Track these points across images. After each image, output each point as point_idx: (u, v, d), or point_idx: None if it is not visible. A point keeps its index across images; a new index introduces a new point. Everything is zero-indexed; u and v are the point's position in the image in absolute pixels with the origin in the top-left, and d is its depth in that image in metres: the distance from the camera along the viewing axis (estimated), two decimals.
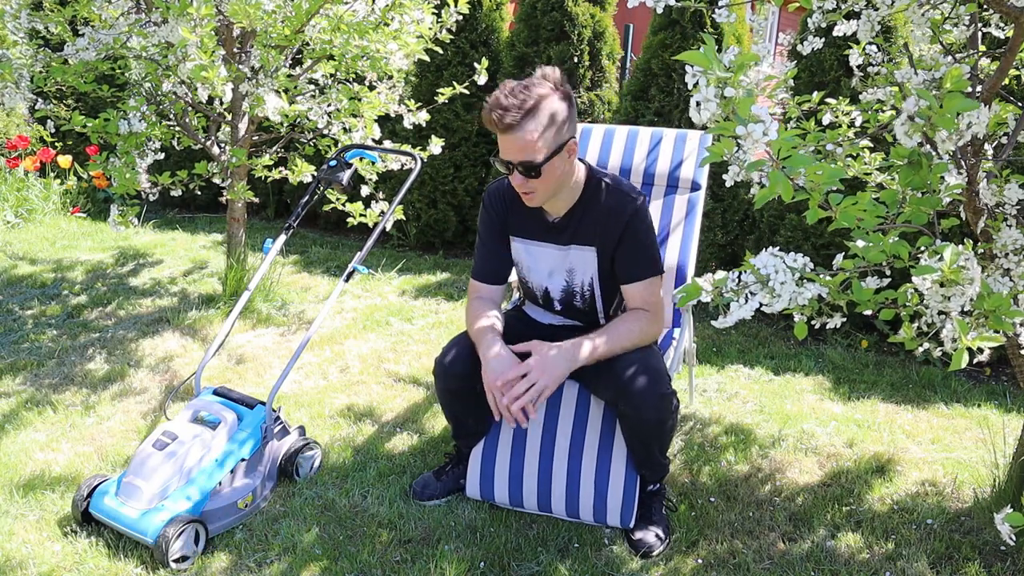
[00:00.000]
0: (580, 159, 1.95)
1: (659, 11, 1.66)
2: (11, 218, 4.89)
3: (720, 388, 2.97)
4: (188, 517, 1.86)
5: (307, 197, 2.62)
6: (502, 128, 1.72)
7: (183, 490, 1.93)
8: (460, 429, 2.14)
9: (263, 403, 2.14)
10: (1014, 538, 1.25)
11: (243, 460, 2.04)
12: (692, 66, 1.12)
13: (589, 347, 1.86)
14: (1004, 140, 1.73)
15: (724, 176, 1.87)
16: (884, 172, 2.05)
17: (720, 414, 2.74)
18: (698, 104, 1.11)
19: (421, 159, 2.66)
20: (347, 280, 2.32)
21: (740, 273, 1.29)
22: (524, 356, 1.89)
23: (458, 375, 1.98)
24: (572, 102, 1.80)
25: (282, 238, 2.51)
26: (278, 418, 2.18)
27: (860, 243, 1.31)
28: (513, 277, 2.38)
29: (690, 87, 1.12)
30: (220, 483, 1.98)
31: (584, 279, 1.99)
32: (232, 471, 2.02)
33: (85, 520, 1.97)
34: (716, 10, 1.91)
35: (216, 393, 2.22)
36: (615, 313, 2.05)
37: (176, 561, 1.82)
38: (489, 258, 2.06)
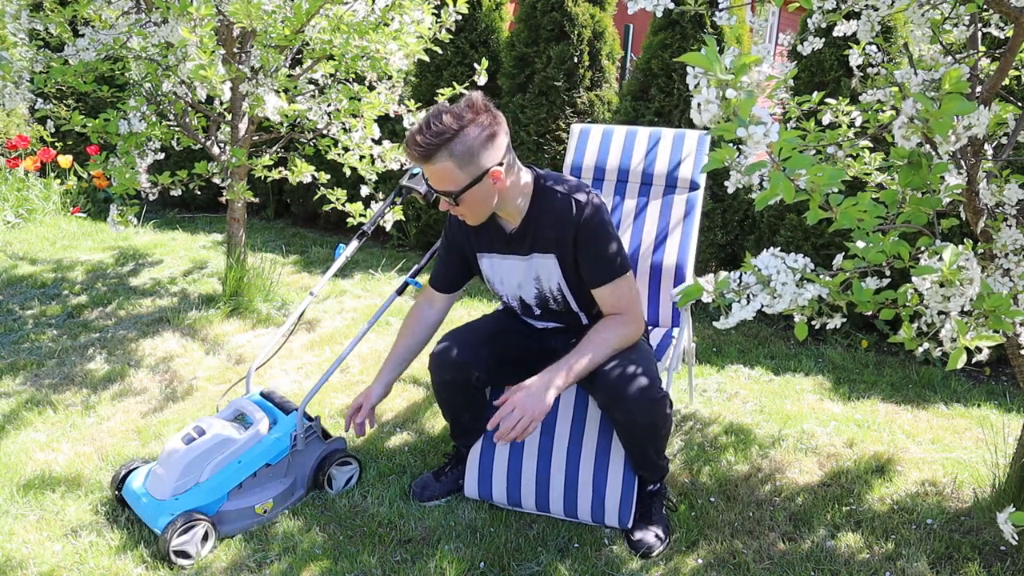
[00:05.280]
0: (529, 166, 1.92)
1: (659, 14, 1.66)
2: (11, 218, 4.89)
3: (720, 388, 2.97)
4: (199, 514, 1.87)
5: (385, 204, 2.62)
6: (416, 160, 1.73)
7: (201, 487, 1.94)
8: (457, 426, 2.14)
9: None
10: (1016, 538, 1.25)
11: (267, 465, 2.04)
12: (693, 67, 1.12)
13: (566, 370, 1.80)
14: (1004, 140, 1.73)
15: (726, 183, 1.87)
16: (884, 172, 2.05)
17: (720, 414, 2.74)
18: (699, 106, 1.11)
19: None
20: (399, 293, 2.34)
21: (741, 274, 1.29)
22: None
23: (452, 366, 1.99)
24: (496, 127, 1.75)
25: (354, 244, 2.49)
26: (311, 427, 2.14)
27: (860, 243, 1.31)
28: None
29: (691, 88, 1.12)
30: (241, 485, 1.99)
31: (551, 284, 1.97)
32: (255, 475, 2.02)
33: (120, 503, 2.05)
34: (716, 12, 1.90)
35: (262, 394, 2.23)
36: (595, 309, 2.02)
37: (176, 555, 1.83)
38: (445, 268, 2.12)
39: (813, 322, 1.44)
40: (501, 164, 1.77)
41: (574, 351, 1.85)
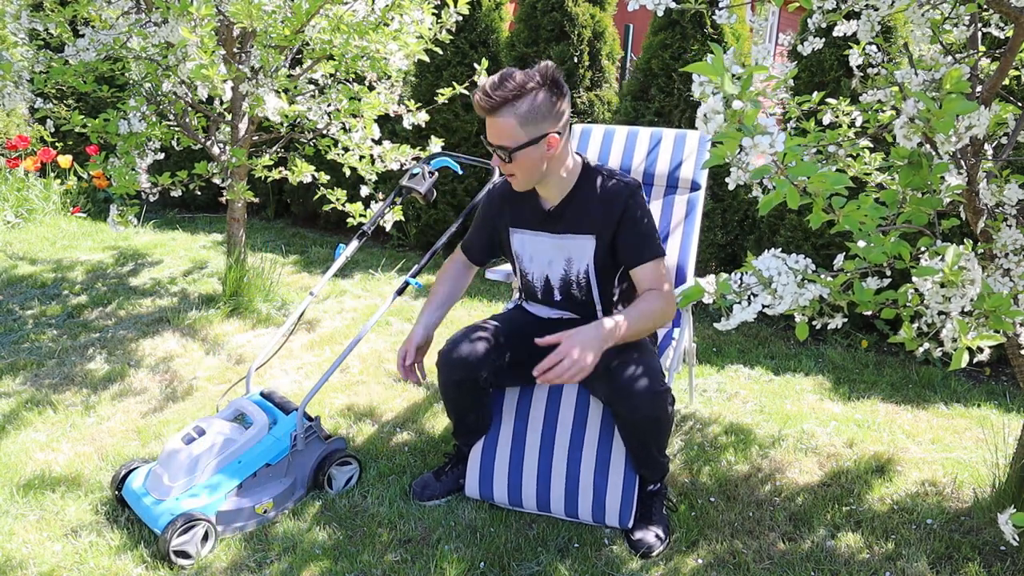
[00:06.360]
0: (578, 153, 2.01)
1: (659, 13, 1.66)
2: (11, 218, 4.88)
3: (720, 388, 2.97)
4: (199, 514, 1.87)
5: (385, 204, 2.63)
6: (483, 111, 1.83)
7: (201, 487, 1.94)
8: (461, 426, 2.14)
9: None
10: (1017, 539, 1.25)
11: (267, 465, 2.04)
12: (699, 76, 1.11)
13: (613, 325, 1.78)
14: (1004, 140, 1.73)
15: (727, 180, 1.87)
16: (884, 172, 2.05)
17: (720, 414, 2.74)
18: (704, 116, 1.10)
19: (497, 169, 2.65)
20: (399, 293, 2.36)
21: (742, 275, 1.29)
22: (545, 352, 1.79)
23: (461, 365, 2.00)
24: (561, 98, 1.83)
25: (354, 244, 2.49)
26: (311, 427, 2.14)
27: (861, 244, 1.31)
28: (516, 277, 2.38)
29: (696, 96, 1.12)
30: (241, 485, 1.99)
31: (580, 267, 2.01)
32: (255, 475, 2.02)
33: (120, 503, 2.05)
34: (716, 11, 1.90)
35: (262, 394, 2.24)
36: (610, 304, 2.05)
37: (177, 555, 1.83)
38: (477, 238, 2.22)
39: (814, 322, 1.44)
40: (559, 134, 1.86)
41: (621, 314, 1.82)
